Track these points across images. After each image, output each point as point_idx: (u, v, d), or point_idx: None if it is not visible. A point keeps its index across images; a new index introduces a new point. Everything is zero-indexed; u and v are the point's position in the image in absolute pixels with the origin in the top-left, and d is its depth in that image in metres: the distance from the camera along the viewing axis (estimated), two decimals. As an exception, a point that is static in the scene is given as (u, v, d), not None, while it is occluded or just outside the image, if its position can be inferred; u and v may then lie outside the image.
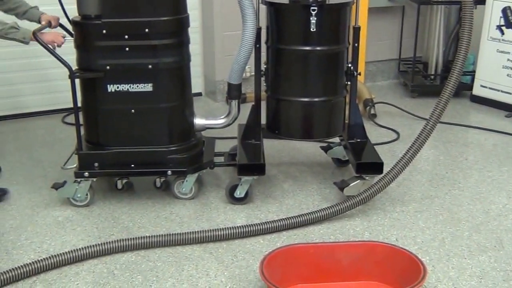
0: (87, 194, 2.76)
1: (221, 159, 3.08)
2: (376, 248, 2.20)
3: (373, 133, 3.80)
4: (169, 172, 2.76)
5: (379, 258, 2.16)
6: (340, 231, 2.57)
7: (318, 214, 2.59)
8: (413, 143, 2.65)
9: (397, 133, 3.83)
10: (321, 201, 2.86)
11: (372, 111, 4.07)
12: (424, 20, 4.78)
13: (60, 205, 2.78)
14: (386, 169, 2.70)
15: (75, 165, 2.75)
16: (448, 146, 3.63)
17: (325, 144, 3.31)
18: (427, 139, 2.65)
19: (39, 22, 2.81)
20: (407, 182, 3.09)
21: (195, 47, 4.35)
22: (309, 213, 2.61)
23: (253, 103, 2.93)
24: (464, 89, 4.56)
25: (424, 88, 4.64)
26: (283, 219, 2.58)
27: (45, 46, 2.57)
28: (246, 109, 2.97)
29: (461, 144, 3.67)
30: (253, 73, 2.94)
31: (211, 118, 2.96)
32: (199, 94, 4.66)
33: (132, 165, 2.74)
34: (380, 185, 2.63)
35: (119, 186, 2.86)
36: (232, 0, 2.55)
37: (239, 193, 2.79)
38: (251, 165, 2.76)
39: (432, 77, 4.76)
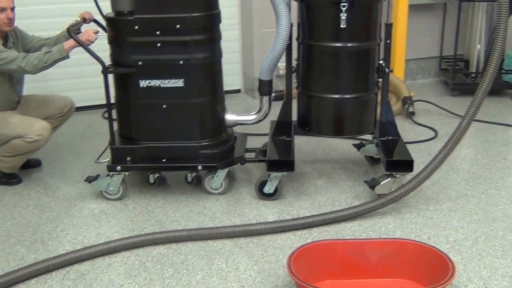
0: (119, 188, 2.83)
1: (253, 155, 3.08)
2: (405, 245, 2.15)
3: (411, 131, 3.74)
4: (200, 167, 2.79)
5: (408, 255, 2.11)
6: (372, 229, 2.53)
7: (350, 211, 2.57)
8: (448, 141, 2.58)
9: (435, 131, 3.74)
10: (354, 198, 2.83)
11: (411, 109, 4.00)
12: (466, 17, 4.65)
13: (96, 198, 2.86)
14: (421, 167, 2.63)
15: (108, 159, 2.83)
16: (487, 145, 3.51)
17: (357, 142, 3.27)
18: (462, 137, 2.57)
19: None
20: (442, 180, 3.01)
21: (234, 44, 4.44)
22: (340, 210, 2.59)
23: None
24: (506, 88, 4.43)
25: (465, 86, 4.50)
26: (315, 215, 2.57)
27: (79, 42, 2.67)
28: (278, 105, 2.97)
29: (500, 143, 3.54)
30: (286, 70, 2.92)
31: (242, 114, 2.98)
32: (238, 91, 4.69)
33: (164, 160, 2.79)
34: (413, 183, 2.57)
35: (151, 180, 2.92)
36: None
37: (268, 189, 2.79)
38: (281, 161, 2.75)
39: (474, 75, 4.61)
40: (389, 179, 2.69)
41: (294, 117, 2.96)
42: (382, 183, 2.69)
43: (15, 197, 2.93)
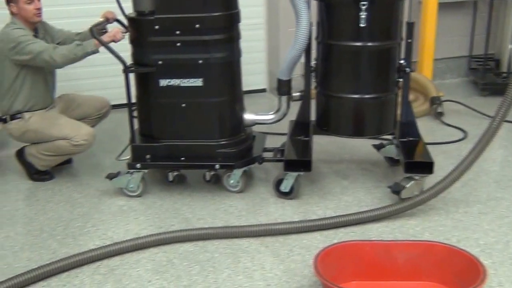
0: (139, 185, 2.84)
1: (271, 155, 3.06)
2: (434, 247, 2.08)
3: (439, 132, 3.65)
4: (217, 166, 2.78)
5: (437, 258, 2.04)
6: (399, 230, 2.47)
7: (377, 212, 2.52)
8: (478, 142, 2.48)
9: (465, 132, 3.63)
10: (380, 199, 2.78)
11: (439, 109, 3.90)
12: (497, 16, 4.51)
13: (124, 194, 2.89)
14: (451, 169, 2.54)
15: (128, 157, 2.84)
16: (519, 146, 3.39)
17: (377, 142, 3.20)
18: (492, 139, 2.46)
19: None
20: (472, 182, 2.90)
21: (259, 44, 4.41)
22: (367, 210, 2.55)
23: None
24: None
25: (496, 86, 4.33)
26: (341, 215, 2.53)
27: (101, 41, 2.69)
28: (297, 105, 2.93)
29: (532, 144, 3.41)
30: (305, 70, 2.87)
31: (261, 114, 2.96)
32: (263, 90, 4.66)
33: (182, 158, 2.79)
34: (442, 185, 2.48)
35: (170, 178, 2.93)
36: None
37: (284, 187, 2.76)
38: (297, 160, 2.73)
39: (505, 75, 4.46)
40: (412, 182, 2.61)
41: (313, 117, 2.92)
42: (407, 186, 2.61)
43: (47, 192, 2.99)
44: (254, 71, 3.82)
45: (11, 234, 2.55)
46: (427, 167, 2.58)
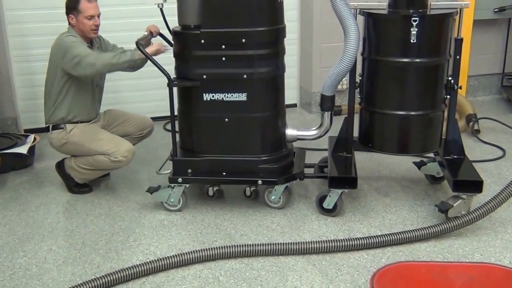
0: (180, 199, 2.84)
1: (310, 171, 3.04)
2: (493, 270, 2.03)
3: (477, 150, 3.61)
4: (260, 182, 2.77)
5: (496, 281, 1.99)
6: (449, 250, 2.43)
7: (425, 231, 2.49)
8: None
9: (503, 150, 3.59)
10: (425, 217, 2.74)
11: (476, 127, 3.87)
12: (531, 33, 4.49)
13: (164, 208, 2.88)
14: (493, 188, 2.51)
15: (169, 171, 2.85)
16: None
17: (418, 160, 3.17)
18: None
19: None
20: (519, 202, 2.85)
21: (291, 59, 4.44)
22: (415, 229, 2.51)
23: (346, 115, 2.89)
24: None
25: (531, 104, 4.30)
26: (390, 234, 2.49)
27: (146, 54, 2.71)
28: (338, 121, 2.94)
29: None
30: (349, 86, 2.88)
31: (303, 129, 2.95)
32: (294, 105, 4.69)
33: (224, 173, 2.78)
34: (492, 204, 2.44)
35: (210, 193, 2.92)
36: (333, 11, 2.52)
37: (328, 204, 2.74)
38: (343, 177, 2.72)
39: (540, 92, 4.41)
40: (460, 201, 2.57)
41: (354, 133, 2.90)
42: (455, 205, 2.57)
43: (87, 205, 3.00)
44: (285, 86, 3.81)
45: (53, 247, 2.56)
46: (476, 186, 2.55)
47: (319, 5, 4.24)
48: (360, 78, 2.82)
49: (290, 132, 2.89)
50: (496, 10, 4.51)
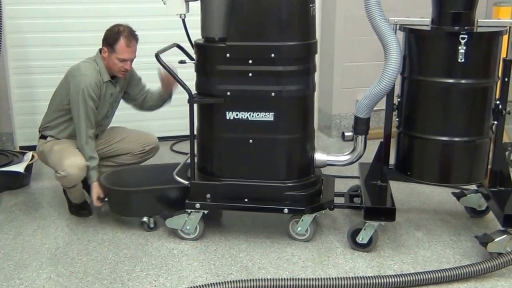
0: (196, 227, 2.68)
1: (339, 200, 2.88)
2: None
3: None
4: (286, 210, 2.62)
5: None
6: (491, 292, 2.29)
7: (464, 270, 2.34)
8: None
9: (541, 183, 3.44)
10: (462, 255, 2.60)
11: (512, 157, 3.74)
12: None
13: (173, 236, 2.74)
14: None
15: (187, 182, 2.69)
16: None
17: (458, 191, 3.02)
18: None
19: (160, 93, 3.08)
20: None
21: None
22: (453, 268, 2.36)
23: (379, 140, 2.75)
24: None
25: None
26: (427, 272, 2.35)
27: (166, 67, 2.59)
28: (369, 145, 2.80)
29: None
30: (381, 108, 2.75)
31: (333, 154, 2.83)
32: None
33: (246, 200, 2.64)
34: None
35: (152, 225, 2.79)
36: (356, 28, 2.41)
37: (362, 238, 2.59)
38: (380, 209, 2.58)
39: None
40: (505, 235, 2.43)
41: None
42: (496, 240, 2.43)
43: (89, 230, 2.85)
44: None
45: (52, 276, 2.40)
46: (529, 221, 2.41)
47: (342, 21, 4.16)
48: (398, 99, 2.70)
49: (319, 156, 2.75)
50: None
